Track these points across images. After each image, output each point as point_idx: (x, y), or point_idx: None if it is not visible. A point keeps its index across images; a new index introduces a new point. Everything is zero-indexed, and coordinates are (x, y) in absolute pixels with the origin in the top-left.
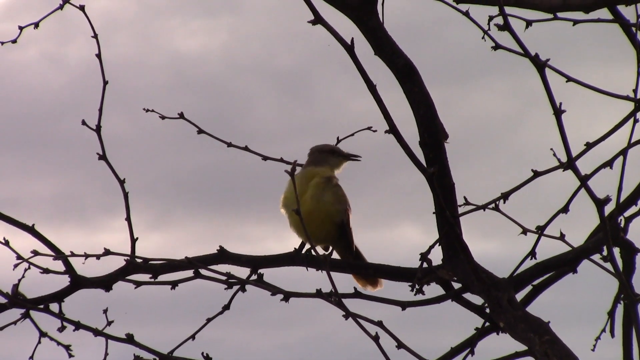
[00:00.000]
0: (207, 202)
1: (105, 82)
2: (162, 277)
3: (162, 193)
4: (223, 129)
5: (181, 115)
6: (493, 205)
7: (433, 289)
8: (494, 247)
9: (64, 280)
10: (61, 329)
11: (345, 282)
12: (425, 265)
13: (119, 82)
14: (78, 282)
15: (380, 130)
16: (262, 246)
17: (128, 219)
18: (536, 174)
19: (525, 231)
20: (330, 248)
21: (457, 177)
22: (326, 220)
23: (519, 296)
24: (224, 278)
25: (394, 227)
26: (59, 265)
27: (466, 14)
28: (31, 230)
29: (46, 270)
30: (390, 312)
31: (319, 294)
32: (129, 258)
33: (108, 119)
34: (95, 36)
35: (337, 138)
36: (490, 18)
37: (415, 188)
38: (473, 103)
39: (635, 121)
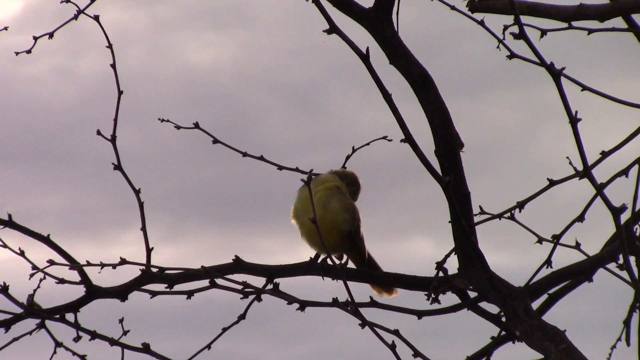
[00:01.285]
0: (220, 214)
1: (120, 92)
2: (177, 287)
3: (174, 205)
4: (234, 142)
5: (196, 125)
6: (509, 214)
7: (449, 298)
8: (509, 256)
9: (80, 291)
10: (77, 339)
11: (361, 291)
12: (441, 274)
13: (130, 95)
14: (93, 292)
15: (396, 140)
16: (274, 259)
17: (144, 228)
18: (552, 183)
19: (540, 240)
20: (345, 257)
21: (472, 186)
22: (334, 229)
23: (535, 305)
24: (240, 287)
25: (405, 239)
26: (74, 276)
27: (481, 23)
28: (46, 240)
29: (62, 281)
30: (406, 321)
31: (335, 303)
32: (144, 268)
33: (120, 131)
34: (110, 46)
35: (353, 148)
36: (505, 27)
37: (427, 200)
38: (487, 114)
39: None
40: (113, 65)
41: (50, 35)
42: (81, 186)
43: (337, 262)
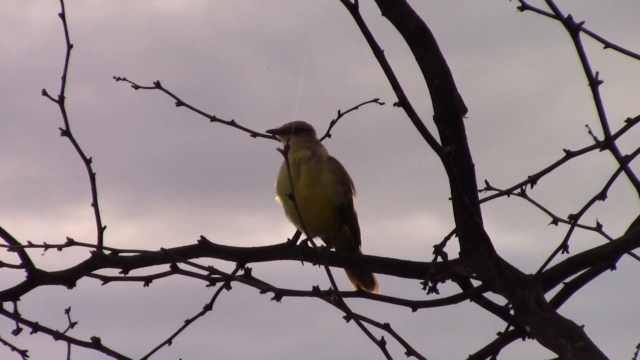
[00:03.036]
0: (189, 187)
1: (70, 46)
2: (133, 272)
3: (136, 176)
4: (209, 104)
5: (157, 85)
6: (519, 190)
7: (448, 287)
8: (519, 239)
9: (21, 276)
10: (16, 331)
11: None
12: (439, 259)
13: (88, 48)
14: (36, 278)
15: (389, 103)
16: (253, 238)
17: (95, 204)
18: (569, 155)
19: (556, 221)
20: (330, 241)
21: (477, 157)
22: (325, 205)
23: (549, 296)
24: (205, 273)
25: (406, 217)
26: (14, 258)
27: None
28: None
29: None
30: (398, 314)
31: (315, 292)
32: (95, 249)
33: (74, 90)
34: None
35: (339, 112)
36: None
37: (431, 171)
38: (499, 74)
39: None
40: (62, 15)
41: None
42: (28, 153)
43: (321, 244)
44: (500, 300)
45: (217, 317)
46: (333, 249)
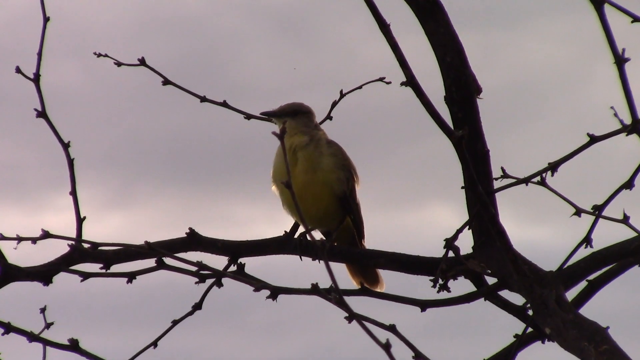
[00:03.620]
0: (178, 174)
1: (47, 19)
2: (116, 268)
3: (121, 162)
4: (201, 83)
5: (142, 62)
6: (538, 178)
7: (461, 285)
8: (538, 232)
9: None
10: None
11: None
12: (451, 254)
13: (67, 21)
14: (9, 274)
15: (396, 82)
16: (249, 230)
17: (73, 192)
18: (593, 139)
19: (578, 212)
20: (331, 233)
21: (492, 142)
22: (325, 193)
23: (571, 294)
24: (194, 269)
25: (417, 207)
26: None
27: None
28: None
29: None
30: (406, 314)
31: (315, 290)
32: (73, 243)
33: (52, 67)
34: None
35: (341, 92)
36: None
37: (445, 158)
38: (519, 50)
39: None
40: None
41: None
42: (4, 136)
43: (320, 237)
44: (517, 299)
45: (208, 318)
46: (334, 243)
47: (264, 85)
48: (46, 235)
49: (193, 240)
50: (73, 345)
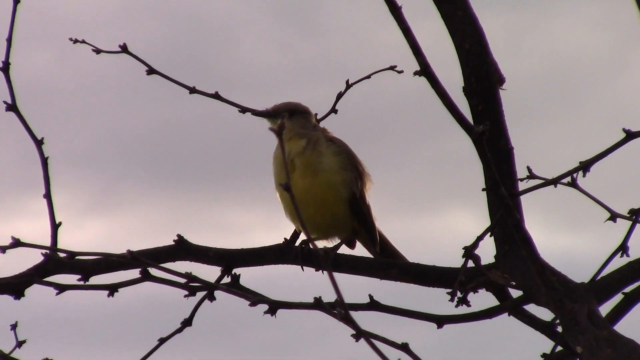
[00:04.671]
0: (166, 175)
1: (17, 1)
2: (95, 279)
3: (103, 162)
4: (193, 73)
5: (124, 49)
6: (568, 179)
7: (482, 299)
8: (569, 239)
9: None
10: None
11: (358, 287)
12: (470, 264)
13: (41, 3)
14: None
15: (409, 71)
16: (245, 238)
17: (47, 195)
18: (629, 136)
19: (613, 216)
20: (337, 240)
21: (517, 139)
22: (328, 196)
23: (605, 309)
24: (183, 281)
25: (435, 212)
26: None
27: None
28: None
29: None
30: (420, 331)
31: (318, 304)
32: (48, 252)
33: (24, 55)
34: None
35: (347, 82)
36: None
37: (465, 156)
38: (549, 36)
39: None
40: None
41: None
42: None
43: (325, 246)
44: (545, 314)
45: (198, 335)
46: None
47: (261, 75)
48: (17, 243)
49: (182, 249)
50: None
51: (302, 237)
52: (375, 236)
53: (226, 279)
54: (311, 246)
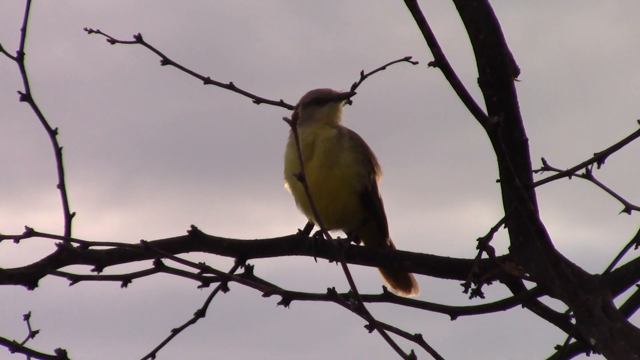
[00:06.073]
0: (182, 167)
1: None
2: (109, 270)
3: (119, 154)
4: (208, 64)
5: (138, 39)
6: (583, 170)
7: (496, 290)
8: (583, 231)
9: None
10: None
11: (372, 279)
12: (484, 255)
13: None
14: None
15: (425, 62)
16: (260, 230)
17: (61, 185)
18: None
19: (628, 208)
20: (351, 232)
21: (532, 130)
22: (341, 189)
23: (619, 301)
24: (197, 271)
25: (449, 204)
26: None
27: None
28: None
29: None
30: (434, 323)
31: (331, 295)
32: (61, 242)
33: (39, 45)
34: None
35: (362, 73)
36: None
37: (479, 148)
38: (566, 29)
39: None
40: None
41: None
42: None
43: (338, 237)
44: (559, 306)
45: (212, 326)
46: (354, 242)
47: (276, 66)
48: (30, 233)
49: (195, 239)
50: (60, 356)
51: (316, 228)
52: (386, 229)
53: (240, 270)
54: (325, 237)
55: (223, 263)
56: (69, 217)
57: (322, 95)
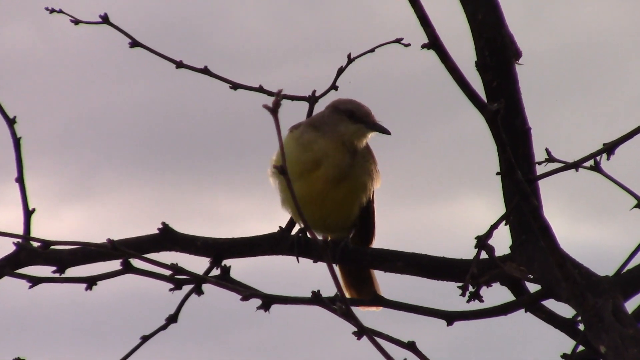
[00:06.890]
0: (150, 158)
1: None
2: (72, 271)
3: (82, 144)
4: (180, 46)
5: (104, 19)
6: (591, 162)
7: (496, 293)
8: (591, 228)
9: None
10: None
11: None
12: (484, 255)
13: None
14: None
15: (418, 44)
16: (236, 227)
17: (20, 179)
18: None
19: None
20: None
21: (535, 119)
22: (348, 202)
23: (631, 305)
24: (168, 273)
25: (445, 199)
26: None
27: None
28: None
29: None
30: (428, 329)
31: (316, 298)
32: (20, 241)
33: None
34: None
35: (349, 56)
36: None
37: (478, 137)
38: (571, 9)
39: None
40: None
41: None
42: None
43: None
44: (565, 310)
45: (184, 332)
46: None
47: (254, 49)
48: None
49: (167, 238)
50: None
51: (299, 226)
52: (372, 234)
53: (215, 271)
54: (309, 235)
55: (197, 264)
56: (28, 213)
57: (360, 112)
